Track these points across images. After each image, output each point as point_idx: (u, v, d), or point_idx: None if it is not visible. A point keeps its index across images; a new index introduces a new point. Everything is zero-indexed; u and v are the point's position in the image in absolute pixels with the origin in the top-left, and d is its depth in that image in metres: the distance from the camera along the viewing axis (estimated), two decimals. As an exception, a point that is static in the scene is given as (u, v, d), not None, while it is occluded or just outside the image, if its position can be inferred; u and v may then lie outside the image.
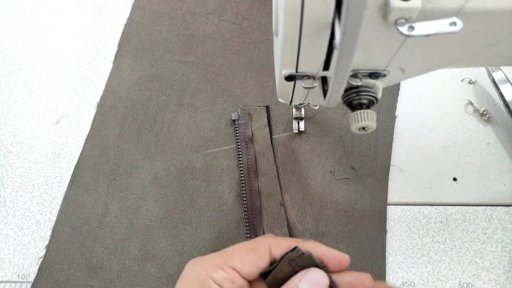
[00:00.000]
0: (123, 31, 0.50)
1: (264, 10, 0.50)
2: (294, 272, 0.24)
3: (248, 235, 0.37)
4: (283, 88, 0.29)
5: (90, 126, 0.44)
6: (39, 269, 0.37)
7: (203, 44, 0.48)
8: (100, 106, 0.45)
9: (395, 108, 0.43)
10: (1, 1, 0.54)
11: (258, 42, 0.48)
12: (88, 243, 0.38)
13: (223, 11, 0.51)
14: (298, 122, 0.41)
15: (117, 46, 0.49)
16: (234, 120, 0.42)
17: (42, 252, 0.38)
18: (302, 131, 0.41)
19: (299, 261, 0.24)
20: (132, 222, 0.39)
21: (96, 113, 0.44)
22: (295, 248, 0.24)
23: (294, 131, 0.41)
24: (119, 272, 0.36)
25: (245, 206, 0.38)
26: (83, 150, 0.42)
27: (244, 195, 0.38)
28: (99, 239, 0.38)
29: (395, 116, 0.43)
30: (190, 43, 0.48)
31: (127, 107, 0.45)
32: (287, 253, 0.24)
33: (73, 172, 0.41)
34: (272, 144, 0.41)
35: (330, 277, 0.24)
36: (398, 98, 0.44)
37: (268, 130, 0.42)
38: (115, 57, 0.48)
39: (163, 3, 0.51)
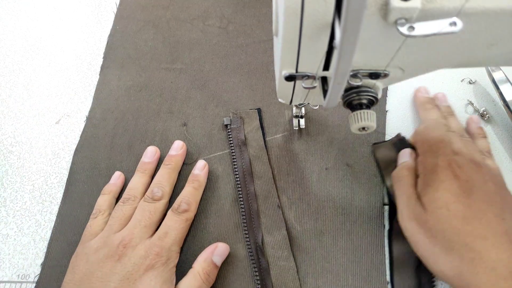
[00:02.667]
0: (108, 42, 0.49)
1: (248, 13, 0.50)
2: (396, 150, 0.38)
3: (248, 239, 0.37)
4: (283, 88, 0.29)
5: (78, 139, 0.43)
6: (36, 285, 0.36)
7: (190, 50, 0.48)
8: (89, 119, 0.44)
9: (385, 103, 0.44)
10: (1, 1, 0.54)
11: (245, 45, 0.48)
12: None
13: (208, 16, 0.50)
14: (299, 120, 0.41)
15: (103, 58, 0.48)
16: (226, 125, 0.42)
17: (42, 252, 0.38)
18: (303, 128, 0.41)
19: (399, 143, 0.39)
20: None
21: (86, 126, 0.44)
22: (398, 134, 0.40)
23: (294, 128, 0.41)
24: None
25: (243, 210, 0.38)
26: (72, 163, 0.42)
27: (241, 199, 0.38)
28: None
29: (386, 111, 0.43)
30: (177, 50, 0.48)
31: (117, 118, 0.44)
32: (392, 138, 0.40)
33: (65, 187, 0.41)
34: (266, 146, 0.41)
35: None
36: (398, 98, 0.44)
37: (261, 132, 0.42)
38: (101, 68, 0.47)
39: (146, 11, 0.51)
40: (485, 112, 0.42)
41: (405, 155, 0.36)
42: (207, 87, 0.46)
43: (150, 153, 0.40)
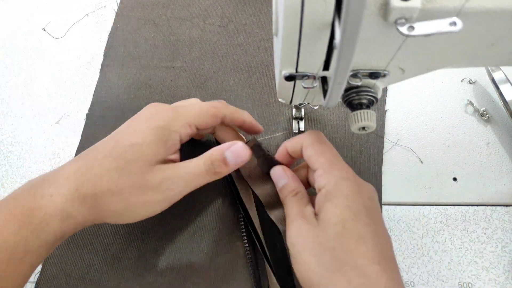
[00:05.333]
0: (108, 40, 0.49)
1: (249, 12, 0.50)
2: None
3: (245, 237, 0.37)
4: (283, 88, 0.29)
5: (80, 137, 0.43)
6: (36, 285, 0.37)
7: (190, 49, 0.48)
8: (89, 116, 0.44)
9: (385, 103, 0.44)
10: (1, 1, 0.54)
11: (245, 44, 0.48)
12: (85, 256, 0.37)
13: (208, 14, 0.50)
14: (298, 122, 0.41)
15: (103, 56, 0.48)
16: None
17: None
18: (302, 131, 0.41)
19: (254, 148, 0.34)
20: (128, 232, 0.38)
21: (86, 124, 0.44)
22: (252, 139, 0.34)
23: (294, 131, 0.41)
24: (118, 283, 0.36)
25: (242, 207, 0.38)
26: None
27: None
28: (96, 251, 0.37)
29: (386, 111, 0.43)
30: (177, 49, 0.48)
31: (117, 116, 0.44)
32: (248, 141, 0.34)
33: None
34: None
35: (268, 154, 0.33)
36: (398, 98, 0.44)
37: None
38: (102, 66, 0.47)
39: (147, 9, 0.51)
40: (485, 112, 0.42)
41: (281, 176, 0.31)
42: (206, 86, 0.46)
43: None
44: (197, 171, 0.29)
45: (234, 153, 0.30)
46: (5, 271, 0.25)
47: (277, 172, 0.32)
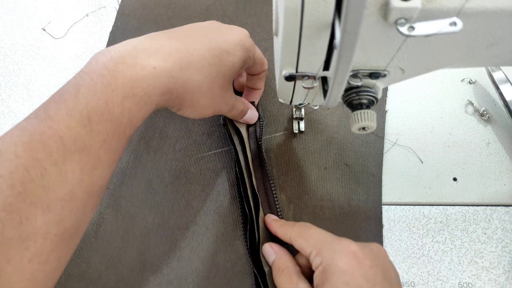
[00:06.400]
0: (109, 38, 0.49)
1: (250, 11, 0.50)
2: None
3: (245, 237, 0.37)
4: (283, 88, 0.29)
5: None
6: None
7: None
8: None
9: (385, 103, 0.44)
10: (1, 1, 0.54)
11: None
12: (84, 254, 0.37)
13: (209, 14, 0.50)
14: (298, 122, 0.41)
15: None
16: (224, 124, 0.41)
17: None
18: (302, 131, 0.41)
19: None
20: (128, 231, 0.38)
21: None
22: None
23: (294, 131, 0.41)
24: (117, 282, 0.36)
25: (241, 207, 0.38)
26: None
27: (239, 197, 0.38)
28: (95, 249, 0.38)
29: (386, 111, 0.43)
30: None
31: None
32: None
33: None
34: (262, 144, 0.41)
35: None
36: (398, 98, 0.44)
37: (260, 130, 0.40)
38: None
39: (148, 9, 0.51)
40: (485, 112, 0.42)
41: (269, 253, 0.33)
42: None
43: None
44: (238, 110, 0.35)
45: (252, 114, 0.37)
46: (111, 143, 0.23)
47: (265, 251, 0.33)
